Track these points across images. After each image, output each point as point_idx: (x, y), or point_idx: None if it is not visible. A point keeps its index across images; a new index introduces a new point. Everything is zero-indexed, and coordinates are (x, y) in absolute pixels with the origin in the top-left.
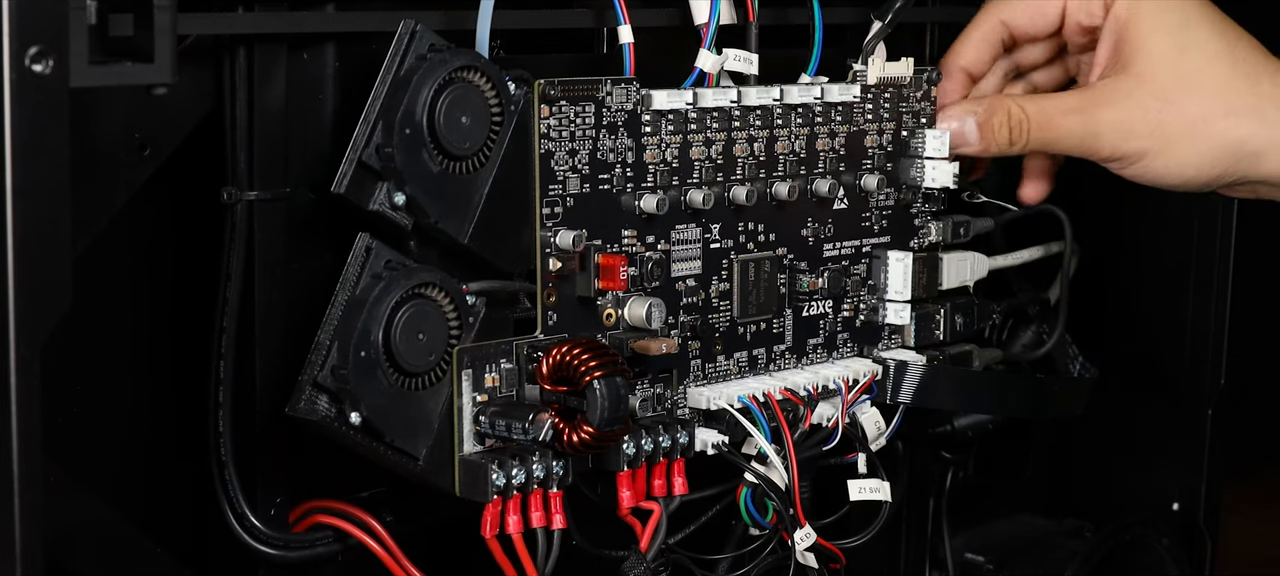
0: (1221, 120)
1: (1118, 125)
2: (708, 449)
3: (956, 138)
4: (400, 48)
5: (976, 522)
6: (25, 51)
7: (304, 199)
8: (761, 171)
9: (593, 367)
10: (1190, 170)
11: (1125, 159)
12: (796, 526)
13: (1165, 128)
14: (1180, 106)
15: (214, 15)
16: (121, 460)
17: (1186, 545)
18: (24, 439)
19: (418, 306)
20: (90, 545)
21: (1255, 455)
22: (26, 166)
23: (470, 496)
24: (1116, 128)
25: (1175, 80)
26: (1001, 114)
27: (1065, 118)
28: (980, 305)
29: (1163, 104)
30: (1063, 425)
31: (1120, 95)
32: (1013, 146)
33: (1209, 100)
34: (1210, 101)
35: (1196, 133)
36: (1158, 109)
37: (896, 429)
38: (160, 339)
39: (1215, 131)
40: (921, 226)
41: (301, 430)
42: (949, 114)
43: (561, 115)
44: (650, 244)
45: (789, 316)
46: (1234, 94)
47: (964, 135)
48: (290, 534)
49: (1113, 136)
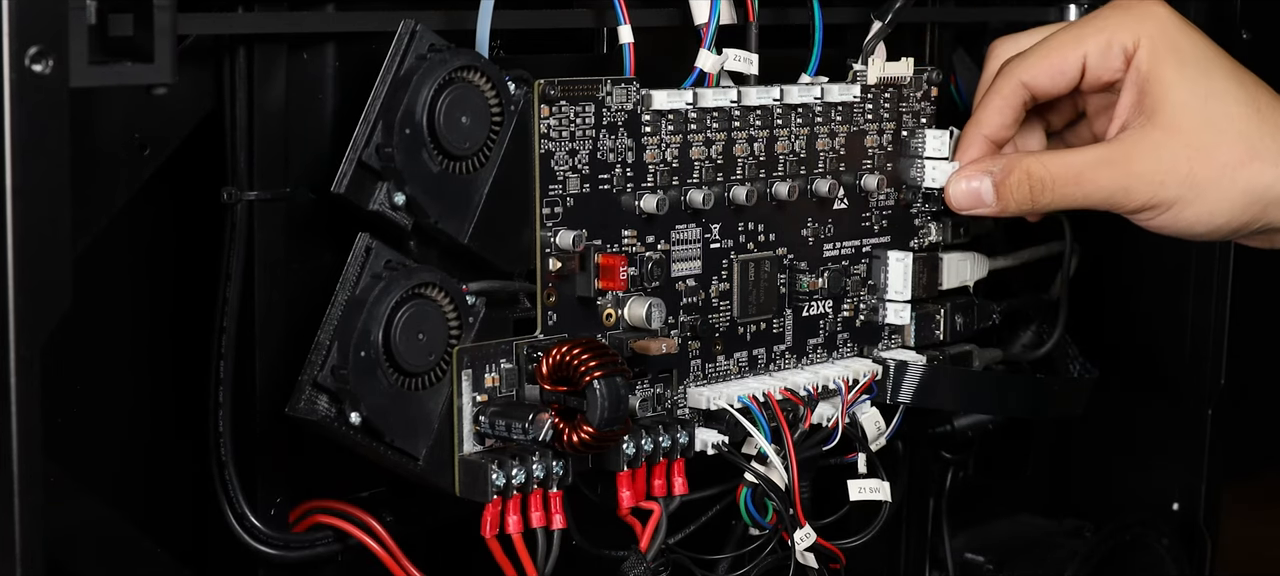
0: (1249, 166)
1: (1149, 177)
2: (708, 449)
3: (972, 199)
4: (400, 48)
5: (976, 522)
6: (25, 51)
7: (304, 199)
8: (761, 171)
9: (593, 367)
10: (1220, 218)
11: (1155, 210)
12: (796, 526)
13: (1195, 176)
14: (1210, 155)
15: (214, 15)
16: (121, 460)
17: (1186, 545)
18: (24, 439)
19: (418, 306)
20: (90, 545)
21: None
22: (26, 166)
23: (470, 496)
24: (1147, 179)
25: (1203, 129)
26: (1020, 173)
27: (1095, 172)
28: (980, 305)
29: (1193, 153)
30: (1063, 425)
31: (1150, 147)
32: (1036, 205)
33: (1236, 147)
34: (1238, 148)
35: (1225, 180)
36: (1187, 158)
37: (896, 429)
38: (160, 339)
39: (1243, 177)
40: (921, 226)
41: (301, 430)
42: (964, 175)
43: (561, 115)
44: (650, 244)
45: (789, 316)
46: (1259, 139)
47: (980, 196)
48: (290, 534)
49: (1144, 189)
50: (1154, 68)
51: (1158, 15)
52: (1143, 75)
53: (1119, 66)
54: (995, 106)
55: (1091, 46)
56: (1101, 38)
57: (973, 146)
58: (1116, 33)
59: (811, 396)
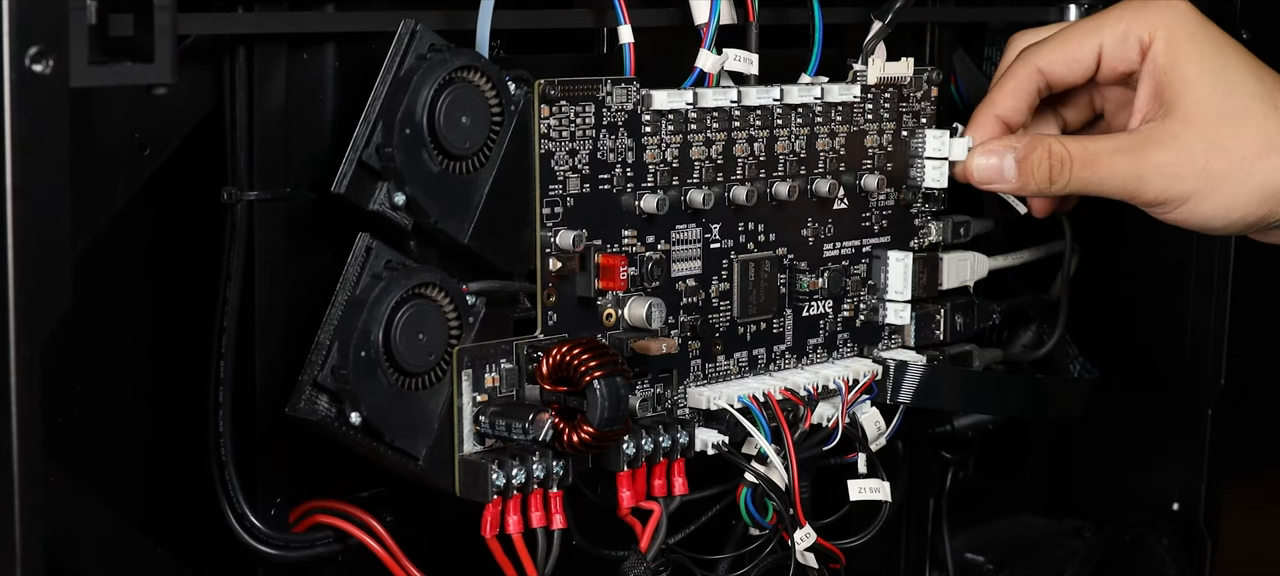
0: (1266, 160)
1: (1165, 168)
2: (708, 449)
3: (993, 173)
4: (400, 48)
5: (976, 522)
6: (25, 51)
7: (304, 199)
8: (761, 171)
9: (593, 367)
10: (1235, 212)
11: (1171, 202)
12: (796, 526)
13: (1212, 170)
14: (1226, 148)
15: (214, 15)
16: (121, 460)
17: (1186, 545)
18: (24, 439)
19: (418, 306)
20: (90, 545)
21: (1255, 455)
22: (26, 166)
23: (470, 496)
24: (1163, 171)
25: (1220, 122)
26: (1042, 150)
27: (1112, 159)
28: (980, 305)
29: (1209, 146)
30: (1063, 425)
31: (1167, 138)
32: (1053, 185)
33: (1253, 141)
34: (1255, 142)
35: (1242, 174)
36: (1204, 151)
37: (896, 429)
38: (160, 339)
39: (1260, 172)
40: (921, 226)
41: (301, 430)
42: (987, 149)
43: (561, 115)
44: (650, 244)
45: (789, 316)
46: (1276, 134)
47: (1001, 171)
48: (290, 534)
49: (1159, 180)
50: (1171, 61)
51: (1176, 8)
52: (1160, 68)
53: (1134, 58)
54: (1009, 89)
55: (1108, 36)
56: (1118, 28)
57: (984, 125)
58: (1133, 24)
59: (811, 396)
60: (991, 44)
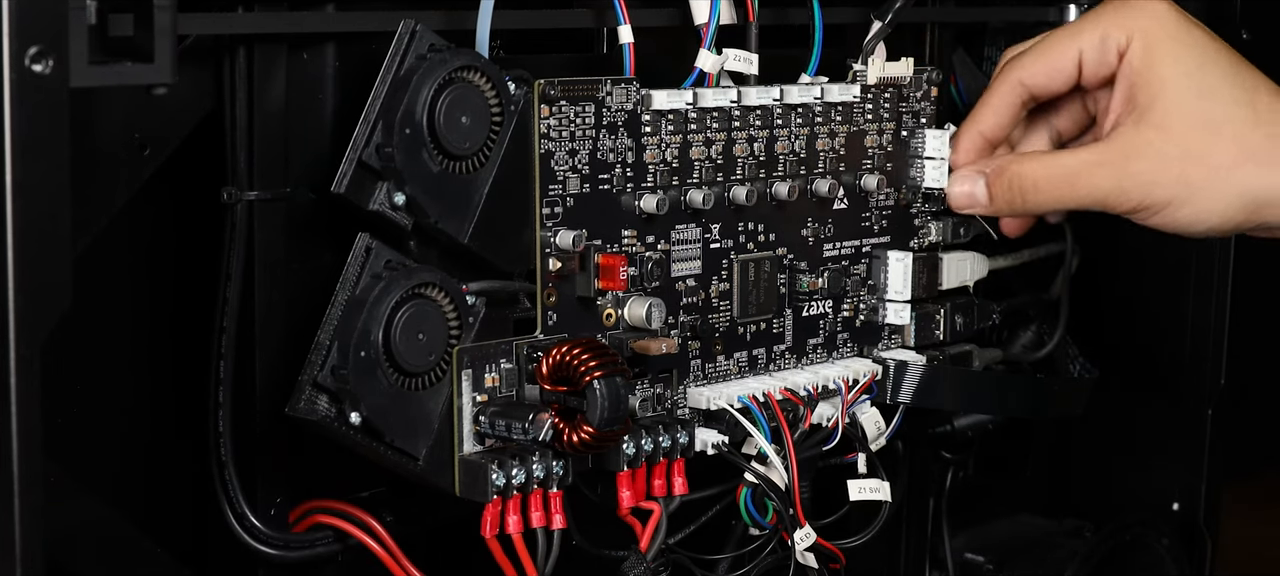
0: (1243, 168)
1: (1140, 178)
2: (708, 449)
3: (966, 200)
4: (400, 48)
5: (976, 522)
6: (25, 51)
7: (304, 199)
8: (761, 171)
9: (593, 367)
10: (1214, 218)
11: (1149, 209)
12: (796, 526)
13: (1187, 178)
14: (1202, 157)
15: (214, 15)
16: (121, 460)
17: (1186, 545)
18: (24, 439)
19: (418, 306)
20: (90, 545)
21: (1255, 455)
22: (26, 166)
23: (470, 496)
24: (1139, 181)
25: (1195, 129)
26: (1009, 174)
27: (1088, 174)
28: (980, 305)
29: (1184, 154)
30: (1063, 425)
31: (1142, 146)
32: (1026, 206)
33: (1230, 149)
34: (1231, 150)
35: (1219, 182)
36: (1179, 159)
37: (896, 429)
38: (160, 339)
39: (1237, 180)
40: (921, 226)
41: (301, 430)
42: (960, 175)
43: (561, 115)
44: (650, 244)
45: (789, 316)
46: (1253, 141)
47: (973, 197)
48: (290, 534)
49: (1136, 190)
50: (1146, 63)
51: (1154, 11)
52: (1135, 70)
53: (1114, 61)
54: (991, 105)
55: (1086, 42)
56: (1096, 33)
57: (965, 143)
58: (1111, 28)
59: (811, 396)
60: (991, 44)
